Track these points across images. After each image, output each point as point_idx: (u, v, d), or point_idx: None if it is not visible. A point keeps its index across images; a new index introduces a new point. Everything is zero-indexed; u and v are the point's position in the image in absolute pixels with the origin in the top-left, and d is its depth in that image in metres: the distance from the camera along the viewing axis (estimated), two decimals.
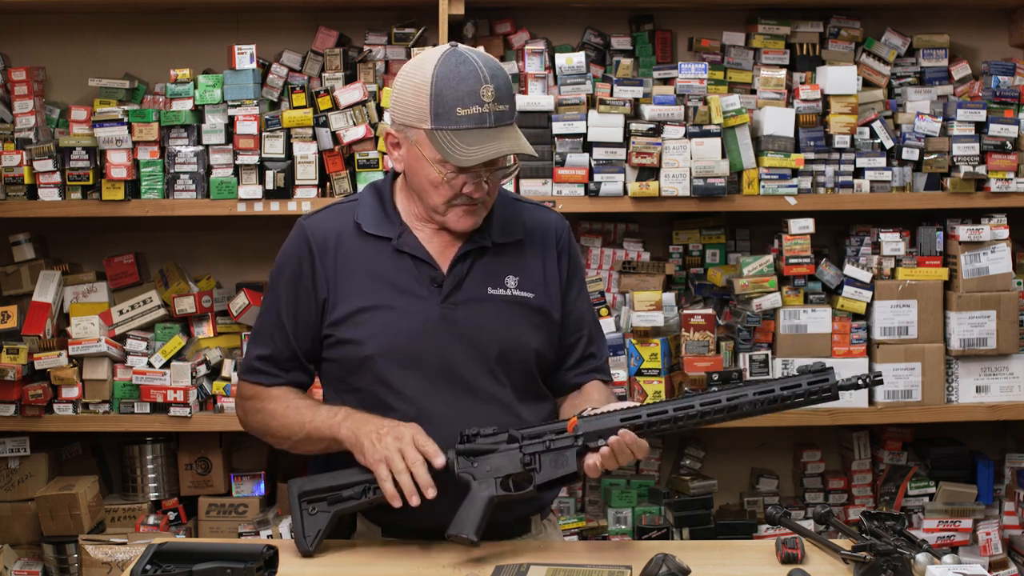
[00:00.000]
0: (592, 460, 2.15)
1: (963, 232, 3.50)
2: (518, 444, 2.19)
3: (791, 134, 3.51)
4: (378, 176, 3.27)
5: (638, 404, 2.19)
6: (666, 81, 3.58)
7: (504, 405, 2.30)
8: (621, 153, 3.44)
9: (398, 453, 2.16)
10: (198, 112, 3.46)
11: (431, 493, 2.15)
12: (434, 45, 3.02)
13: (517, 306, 2.32)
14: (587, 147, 3.45)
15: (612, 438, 2.13)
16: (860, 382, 2.12)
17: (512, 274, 2.33)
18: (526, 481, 2.20)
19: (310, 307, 2.32)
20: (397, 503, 2.16)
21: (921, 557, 2.07)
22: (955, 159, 3.52)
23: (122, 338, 3.54)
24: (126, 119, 3.44)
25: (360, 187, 3.34)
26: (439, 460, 2.17)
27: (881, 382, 2.15)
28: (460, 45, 2.24)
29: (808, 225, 3.47)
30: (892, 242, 3.54)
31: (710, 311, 3.48)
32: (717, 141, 3.44)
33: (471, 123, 2.17)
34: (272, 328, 2.35)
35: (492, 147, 2.17)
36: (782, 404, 2.13)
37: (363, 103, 3.42)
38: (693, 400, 2.14)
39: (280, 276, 2.36)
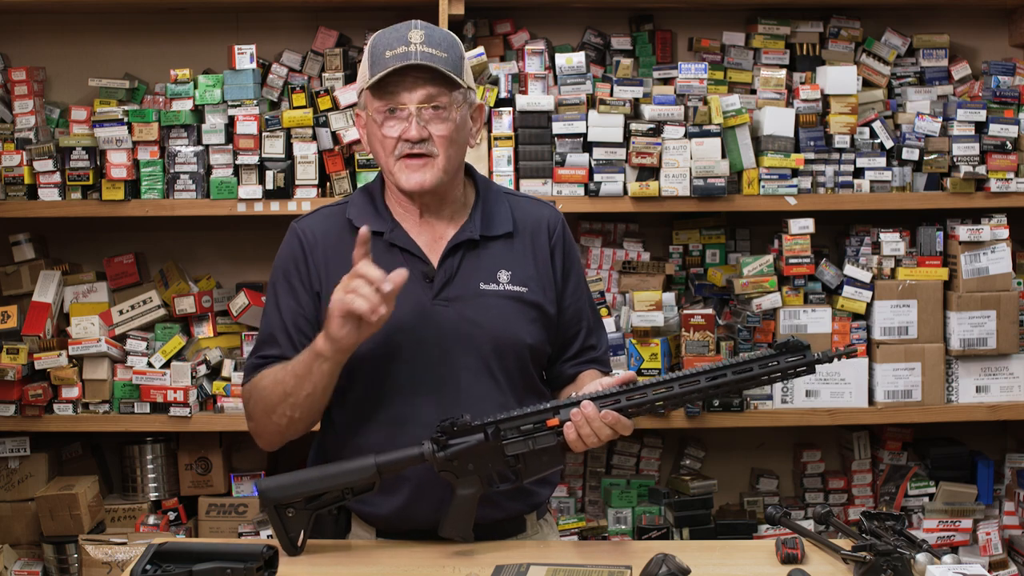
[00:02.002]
0: (571, 435, 2.14)
1: (963, 232, 3.50)
2: (499, 440, 2.15)
3: (791, 134, 3.51)
4: None
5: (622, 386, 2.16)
6: (666, 81, 3.58)
7: (498, 402, 2.28)
8: (621, 153, 3.44)
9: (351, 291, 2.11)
10: (198, 112, 3.46)
11: (387, 287, 2.09)
12: None
13: (510, 301, 2.32)
14: (587, 147, 3.45)
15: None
16: (836, 356, 2.13)
17: (504, 268, 2.33)
18: (512, 475, 2.19)
19: (309, 301, 2.32)
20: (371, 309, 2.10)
21: (921, 557, 2.06)
22: (955, 159, 3.52)
23: (122, 338, 3.54)
24: (126, 119, 3.44)
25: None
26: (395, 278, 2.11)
27: (855, 352, 2.15)
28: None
29: (808, 225, 3.47)
30: (892, 242, 3.54)
31: (710, 311, 3.48)
32: (717, 141, 3.44)
33: (397, 61, 2.22)
34: (274, 330, 2.34)
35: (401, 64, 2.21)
36: (762, 382, 2.15)
37: None
38: (672, 381, 2.13)
39: (277, 278, 2.36)
